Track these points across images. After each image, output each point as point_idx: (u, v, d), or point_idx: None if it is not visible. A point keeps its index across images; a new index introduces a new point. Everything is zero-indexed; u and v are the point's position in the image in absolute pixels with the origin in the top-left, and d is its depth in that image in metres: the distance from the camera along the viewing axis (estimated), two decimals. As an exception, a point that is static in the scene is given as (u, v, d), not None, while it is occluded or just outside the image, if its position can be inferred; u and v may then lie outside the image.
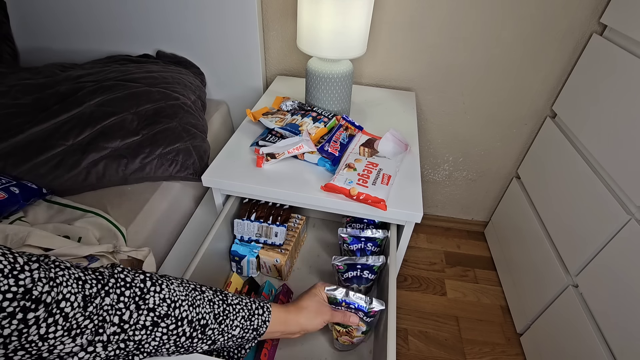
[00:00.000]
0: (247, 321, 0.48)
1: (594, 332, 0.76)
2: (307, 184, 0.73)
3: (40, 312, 0.32)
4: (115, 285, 0.38)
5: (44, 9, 1.10)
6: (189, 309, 0.43)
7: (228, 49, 1.09)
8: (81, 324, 0.35)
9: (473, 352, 1.05)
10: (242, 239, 0.81)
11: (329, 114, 0.87)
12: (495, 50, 1.02)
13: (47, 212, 0.70)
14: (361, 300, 0.59)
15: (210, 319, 0.45)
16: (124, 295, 0.38)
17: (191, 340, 0.43)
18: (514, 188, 1.21)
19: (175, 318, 0.41)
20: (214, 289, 0.48)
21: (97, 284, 0.37)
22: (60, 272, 0.35)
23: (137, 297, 0.39)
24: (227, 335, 0.47)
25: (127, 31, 1.10)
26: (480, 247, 1.38)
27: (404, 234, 0.75)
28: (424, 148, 1.25)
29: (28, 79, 0.87)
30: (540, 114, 1.11)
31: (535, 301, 0.99)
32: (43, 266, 0.34)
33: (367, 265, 0.70)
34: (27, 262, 0.32)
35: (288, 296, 0.76)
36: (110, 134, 0.78)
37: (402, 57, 1.07)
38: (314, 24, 0.75)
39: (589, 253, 0.81)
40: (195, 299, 0.44)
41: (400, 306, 1.15)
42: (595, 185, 0.82)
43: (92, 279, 0.37)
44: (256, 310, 0.50)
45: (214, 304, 0.46)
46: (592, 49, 0.92)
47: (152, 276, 0.42)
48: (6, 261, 0.30)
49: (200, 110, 0.98)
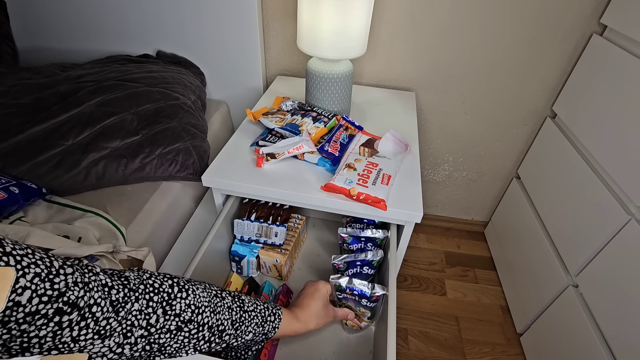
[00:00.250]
0: (259, 327, 0.51)
1: (594, 332, 0.76)
2: (307, 184, 0.73)
3: (74, 316, 0.33)
4: (144, 291, 0.40)
5: (44, 9, 1.10)
6: (210, 315, 0.45)
7: (228, 49, 1.09)
8: (112, 327, 0.36)
9: (473, 352, 1.04)
10: (242, 239, 0.81)
11: (329, 114, 0.87)
12: (495, 50, 1.02)
13: (46, 212, 0.70)
14: (364, 287, 0.64)
15: (228, 325, 0.47)
16: (152, 301, 0.40)
17: (209, 343, 0.45)
18: (514, 188, 1.21)
19: (197, 323, 0.43)
20: (232, 294, 0.50)
21: (123, 289, 0.38)
22: (93, 277, 0.36)
23: (165, 303, 0.41)
24: (241, 339, 0.49)
25: (127, 31, 1.10)
26: (480, 247, 1.38)
27: (404, 234, 0.75)
28: (424, 148, 1.25)
29: (28, 79, 0.87)
30: (540, 114, 1.11)
31: (535, 301, 0.99)
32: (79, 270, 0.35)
33: (367, 261, 0.70)
34: (62, 266, 0.33)
35: (288, 296, 0.76)
36: (110, 134, 0.78)
37: (402, 57, 1.07)
38: (314, 24, 0.75)
39: (589, 253, 0.81)
40: (217, 305, 0.46)
41: (400, 306, 1.15)
42: (595, 185, 0.82)
43: (118, 285, 0.38)
44: (268, 317, 0.52)
45: (232, 311, 0.48)
46: (592, 49, 0.92)
47: (179, 282, 0.44)
48: (43, 265, 0.31)
49: (200, 110, 0.98)
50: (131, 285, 0.39)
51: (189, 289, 0.44)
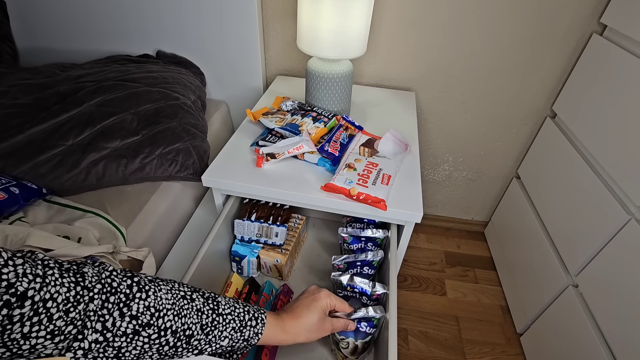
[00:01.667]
0: (237, 332, 0.47)
1: (594, 332, 0.76)
2: (307, 184, 0.73)
3: (26, 310, 0.31)
4: (101, 290, 0.37)
5: (44, 9, 1.09)
6: (173, 319, 0.41)
7: (228, 49, 1.09)
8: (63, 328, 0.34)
9: (473, 352, 1.05)
10: (243, 239, 0.81)
11: (329, 114, 0.87)
12: (495, 50, 1.02)
13: (47, 212, 0.70)
14: (365, 285, 0.63)
15: (197, 329, 0.43)
16: (108, 302, 0.37)
17: (175, 349, 0.42)
18: (514, 188, 1.21)
19: (157, 327, 0.40)
20: (206, 295, 0.47)
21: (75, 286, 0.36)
22: (49, 271, 0.34)
23: (122, 304, 0.38)
24: (215, 345, 0.46)
25: (127, 31, 1.10)
26: (480, 247, 1.38)
27: (404, 234, 0.75)
28: (424, 148, 1.25)
29: (28, 79, 0.87)
30: (540, 114, 1.11)
31: (535, 301, 0.99)
32: (30, 262, 0.33)
33: (367, 261, 0.70)
34: (11, 257, 0.32)
35: (288, 296, 0.76)
36: (110, 134, 0.78)
37: (402, 57, 1.07)
38: (314, 24, 0.75)
39: (589, 253, 0.81)
40: (182, 308, 0.43)
41: (400, 306, 1.15)
42: (595, 185, 0.82)
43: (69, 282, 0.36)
44: (249, 322, 0.48)
45: (202, 314, 0.44)
46: (592, 49, 0.92)
47: (139, 281, 0.41)
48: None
49: (200, 110, 0.98)
50: (86, 283, 0.36)
51: (150, 289, 0.41)
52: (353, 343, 0.60)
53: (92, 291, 0.37)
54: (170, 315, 0.41)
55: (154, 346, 0.40)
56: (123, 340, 0.38)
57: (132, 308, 0.39)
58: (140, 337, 0.39)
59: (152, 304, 0.40)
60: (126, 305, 0.38)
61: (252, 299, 0.73)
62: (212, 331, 0.45)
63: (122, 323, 0.38)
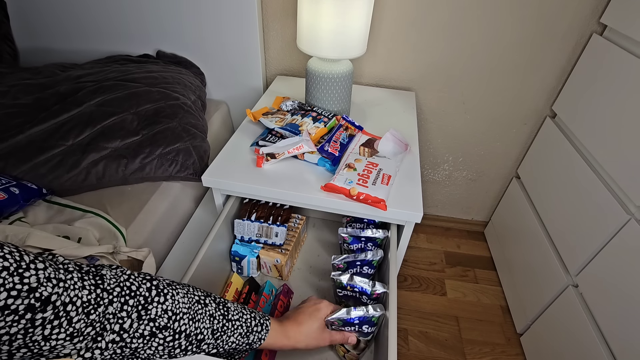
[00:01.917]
0: (243, 337, 0.49)
1: (594, 332, 0.76)
2: (307, 184, 0.73)
3: (48, 314, 0.32)
4: (120, 293, 0.38)
5: (44, 9, 1.10)
6: (188, 323, 0.43)
7: (228, 49, 1.09)
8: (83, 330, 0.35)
9: (473, 352, 1.05)
10: (243, 239, 0.81)
11: (329, 114, 0.87)
12: (495, 50, 1.02)
13: (47, 212, 0.70)
14: (365, 284, 0.63)
15: (208, 334, 0.45)
16: (127, 304, 0.38)
17: (185, 352, 0.44)
18: (514, 188, 1.21)
19: (173, 331, 0.41)
20: (217, 301, 0.48)
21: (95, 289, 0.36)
22: (69, 275, 0.35)
23: (140, 307, 0.39)
24: (221, 349, 0.47)
25: (127, 31, 1.10)
26: (480, 247, 1.38)
27: (404, 234, 0.75)
28: (424, 148, 1.25)
29: (28, 79, 0.87)
30: (540, 114, 1.11)
31: (535, 301, 0.99)
32: (53, 266, 0.34)
33: (367, 261, 0.70)
34: (32, 261, 0.32)
35: (288, 296, 0.76)
36: (110, 134, 0.78)
37: (402, 57, 1.07)
38: (314, 24, 0.75)
39: (589, 253, 0.81)
40: (197, 312, 0.44)
41: (400, 306, 1.15)
42: (595, 185, 0.82)
43: (90, 285, 0.36)
44: (255, 328, 0.50)
45: (214, 320, 0.46)
46: (592, 49, 0.92)
47: (158, 284, 0.42)
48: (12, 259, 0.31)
49: (200, 110, 0.98)
50: (105, 286, 0.37)
51: (168, 293, 0.42)
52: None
53: (111, 294, 0.38)
54: (185, 319, 0.43)
55: (167, 348, 0.42)
56: (140, 341, 0.39)
57: (151, 312, 0.40)
58: (157, 338, 0.40)
59: (169, 307, 0.41)
60: (144, 308, 0.40)
61: (252, 299, 0.73)
62: (221, 336, 0.46)
63: (139, 325, 0.39)
